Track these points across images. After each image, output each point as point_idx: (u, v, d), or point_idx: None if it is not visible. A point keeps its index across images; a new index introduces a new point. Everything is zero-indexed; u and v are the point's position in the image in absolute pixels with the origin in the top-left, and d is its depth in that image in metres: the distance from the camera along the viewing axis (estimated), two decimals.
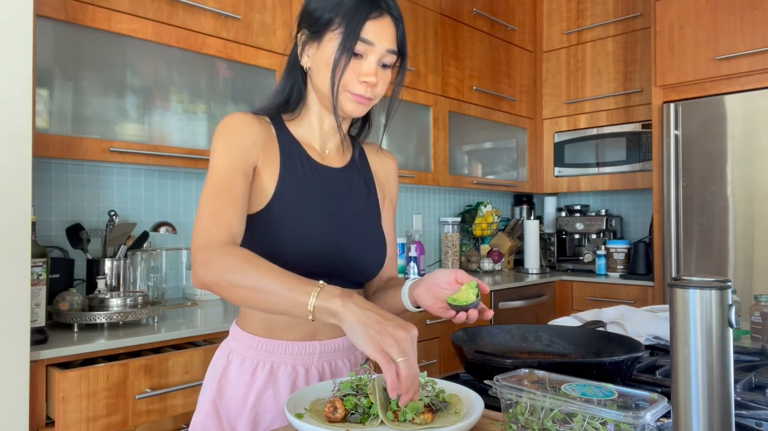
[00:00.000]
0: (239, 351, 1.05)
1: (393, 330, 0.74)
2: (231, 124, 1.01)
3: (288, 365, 1.03)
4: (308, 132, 1.10)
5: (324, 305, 0.79)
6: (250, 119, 1.03)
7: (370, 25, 0.98)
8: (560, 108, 3.57)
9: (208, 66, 2.07)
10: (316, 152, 1.10)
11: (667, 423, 0.72)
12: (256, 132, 1.02)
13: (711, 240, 2.67)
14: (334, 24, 0.99)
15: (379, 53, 1.00)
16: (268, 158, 1.03)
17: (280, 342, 1.04)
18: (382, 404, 0.79)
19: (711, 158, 2.68)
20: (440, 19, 2.98)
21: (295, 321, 1.03)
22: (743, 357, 1.28)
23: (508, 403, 0.78)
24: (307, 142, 1.09)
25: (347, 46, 0.98)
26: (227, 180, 0.96)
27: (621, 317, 1.49)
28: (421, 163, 2.94)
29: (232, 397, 1.03)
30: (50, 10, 1.68)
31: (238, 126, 1.01)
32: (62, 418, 1.39)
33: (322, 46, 1.01)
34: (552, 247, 3.62)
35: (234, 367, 1.05)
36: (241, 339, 1.06)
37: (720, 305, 0.64)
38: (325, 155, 1.11)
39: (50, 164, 1.96)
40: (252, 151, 1.00)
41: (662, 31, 2.84)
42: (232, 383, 1.04)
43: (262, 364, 1.03)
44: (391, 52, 1.01)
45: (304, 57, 1.05)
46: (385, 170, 1.22)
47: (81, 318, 1.62)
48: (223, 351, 1.09)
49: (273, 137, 1.05)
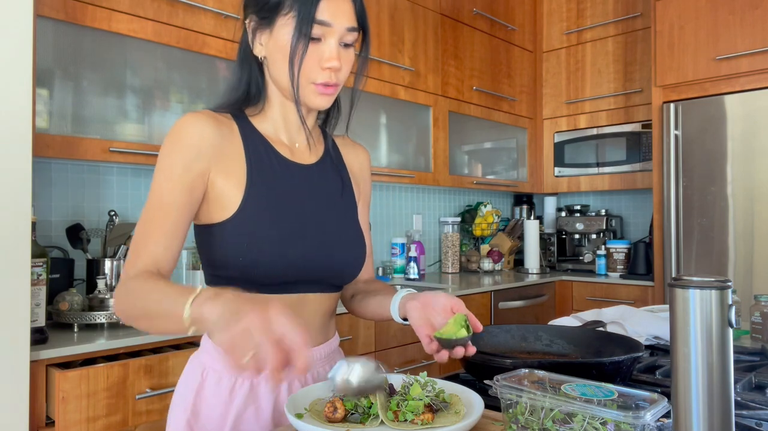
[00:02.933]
0: (214, 368, 0.96)
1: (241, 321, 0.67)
2: (178, 131, 0.92)
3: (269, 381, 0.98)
4: (274, 127, 1.01)
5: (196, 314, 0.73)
6: (203, 122, 0.92)
7: (325, 5, 0.89)
8: (560, 108, 3.57)
9: (208, 66, 2.07)
10: (285, 147, 1.01)
11: (667, 423, 0.72)
12: (206, 136, 0.92)
13: (711, 240, 2.67)
14: (284, 7, 0.90)
15: (339, 33, 0.91)
16: (230, 159, 0.94)
17: None
18: (382, 404, 0.79)
19: (711, 158, 2.68)
20: (440, 19, 2.98)
21: None
22: (743, 357, 1.28)
23: (508, 403, 0.78)
24: (274, 137, 1.00)
25: (303, 31, 0.88)
26: (161, 202, 0.89)
27: (621, 317, 1.49)
28: (421, 163, 2.94)
29: (210, 417, 0.95)
30: (50, 10, 1.68)
31: (181, 136, 0.91)
32: (62, 418, 1.39)
33: (275, 33, 0.92)
34: (552, 247, 3.62)
35: (209, 385, 0.96)
36: (215, 354, 0.97)
37: (720, 305, 0.64)
38: (295, 150, 1.02)
39: (50, 164, 1.96)
40: (199, 161, 0.91)
41: (662, 31, 2.84)
42: (208, 402, 0.95)
43: (241, 382, 0.95)
44: (351, 29, 0.92)
45: (257, 45, 0.96)
46: (360, 163, 1.14)
47: (81, 318, 1.62)
48: (194, 367, 0.99)
49: (235, 136, 0.96)
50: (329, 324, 1.07)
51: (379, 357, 2.21)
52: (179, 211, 0.90)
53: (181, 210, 0.90)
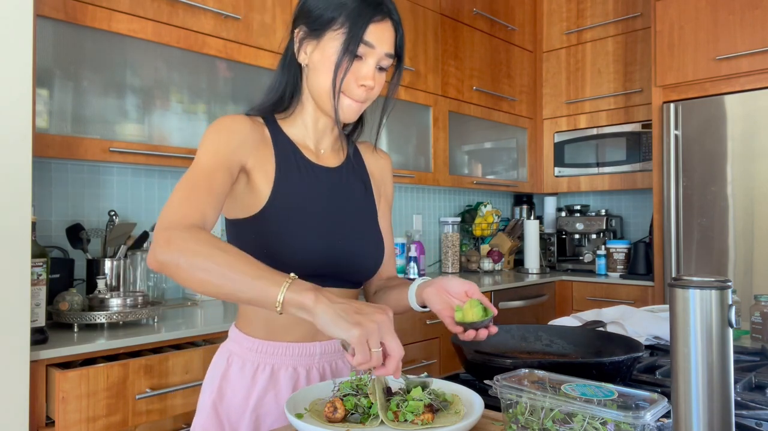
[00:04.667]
0: (239, 354, 1.05)
1: (372, 316, 0.75)
2: (220, 124, 1.00)
3: (289, 367, 1.03)
4: (302, 131, 1.09)
5: (295, 297, 0.77)
6: (241, 120, 1.02)
7: (373, 28, 0.98)
8: (560, 108, 3.57)
9: (208, 66, 2.07)
10: (311, 151, 1.09)
11: (667, 423, 0.72)
12: (246, 132, 1.00)
13: (711, 240, 2.67)
14: (336, 24, 0.98)
15: (378, 56, 1.00)
16: (262, 159, 1.02)
17: (281, 344, 1.03)
18: (382, 404, 0.79)
19: (711, 158, 2.68)
20: (440, 19, 2.98)
21: (295, 322, 1.02)
22: (743, 357, 1.28)
23: (508, 403, 0.78)
24: (301, 142, 1.08)
25: (350, 48, 0.97)
26: (207, 173, 0.93)
27: (621, 317, 1.49)
28: (421, 163, 2.94)
29: (233, 400, 1.03)
30: (50, 10, 1.68)
31: (227, 126, 0.99)
32: (62, 418, 1.39)
33: (322, 45, 1.00)
34: (552, 247, 3.62)
35: (234, 370, 1.04)
36: (240, 341, 1.05)
37: (720, 305, 0.64)
38: (320, 155, 1.10)
39: (50, 164, 1.96)
40: (240, 150, 0.98)
41: (662, 31, 2.84)
42: (232, 386, 1.03)
43: (263, 366, 1.03)
44: (389, 56, 1.01)
45: (302, 54, 1.04)
46: (380, 169, 1.22)
47: (81, 318, 1.62)
48: (222, 354, 1.08)
49: (267, 138, 1.04)
50: None
51: None
52: (223, 182, 0.93)
53: (223, 182, 0.93)
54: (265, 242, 0.99)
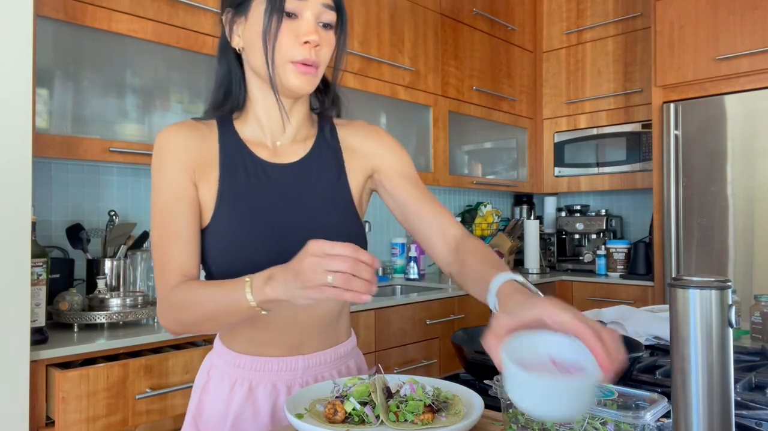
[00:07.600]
0: (219, 367, 0.99)
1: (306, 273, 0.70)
2: (158, 148, 0.94)
3: (268, 383, 0.96)
4: (256, 128, 0.98)
5: (262, 299, 0.77)
6: (176, 134, 0.94)
7: None
8: (560, 108, 3.56)
9: (208, 66, 2.06)
10: (266, 148, 0.98)
11: (667, 423, 0.72)
12: (188, 146, 0.93)
13: (711, 240, 2.67)
14: None
15: (315, 8, 0.88)
16: (206, 169, 0.94)
17: (260, 359, 0.96)
18: (382, 405, 0.79)
19: (711, 158, 2.67)
20: (440, 19, 2.98)
21: (280, 336, 0.96)
22: (743, 357, 1.28)
23: (508, 403, 0.78)
24: (255, 140, 0.98)
25: (276, 6, 0.86)
26: (167, 218, 0.91)
27: (621, 317, 1.49)
28: (421, 163, 2.94)
29: (212, 414, 0.97)
30: (50, 10, 1.68)
31: (164, 148, 0.93)
32: (62, 418, 1.39)
33: (250, 18, 0.90)
34: (552, 247, 3.62)
35: (214, 383, 0.98)
36: (221, 353, 1.00)
37: (720, 305, 0.64)
38: (278, 150, 0.99)
39: (50, 164, 1.96)
40: (184, 170, 0.93)
41: (662, 31, 2.84)
42: (211, 400, 0.98)
43: (240, 382, 0.96)
44: (327, 7, 0.90)
45: (235, 38, 0.94)
46: (363, 139, 1.04)
47: (81, 318, 1.62)
48: (205, 364, 1.03)
49: (213, 144, 0.96)
50: (335, 327, 1.03)
51: (379, 357, 2.21)
52: (187, 219, 0.92)
53: (188, 218, 0.92)
54: (214, 259, 0.93)
